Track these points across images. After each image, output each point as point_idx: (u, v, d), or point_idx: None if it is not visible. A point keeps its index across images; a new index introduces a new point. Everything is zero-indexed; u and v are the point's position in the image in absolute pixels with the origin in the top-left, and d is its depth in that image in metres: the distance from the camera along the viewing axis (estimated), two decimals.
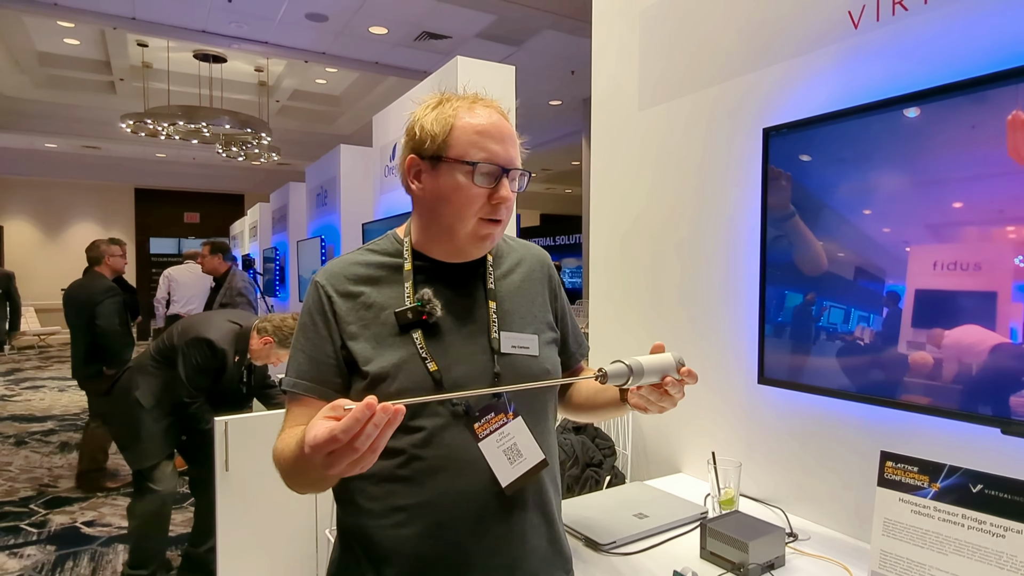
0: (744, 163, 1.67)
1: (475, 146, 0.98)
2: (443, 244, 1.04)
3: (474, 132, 0.99)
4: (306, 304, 1.04)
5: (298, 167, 11.72)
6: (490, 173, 0.98)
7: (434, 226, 1.04)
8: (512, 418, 1.01)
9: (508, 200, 1.00)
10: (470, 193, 0.98)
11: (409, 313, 1.00)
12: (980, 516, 0.95)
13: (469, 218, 0.99)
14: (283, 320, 2.95)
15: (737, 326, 1.70)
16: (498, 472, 0.98)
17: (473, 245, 1.03)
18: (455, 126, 0.99)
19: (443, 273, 1.06)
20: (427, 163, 1.01)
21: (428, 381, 0.99)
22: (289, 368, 1.02)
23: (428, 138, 1.00)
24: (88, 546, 3.41)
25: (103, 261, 4.30)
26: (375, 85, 8.43)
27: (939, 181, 1.18)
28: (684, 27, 1.88)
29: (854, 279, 1.33)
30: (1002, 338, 1.09)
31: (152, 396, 2.75)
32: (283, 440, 0.95)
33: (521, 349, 1.06)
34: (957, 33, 1.23)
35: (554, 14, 5.93)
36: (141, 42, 7.05)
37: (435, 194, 1.00)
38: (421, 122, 1.01)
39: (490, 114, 1.01)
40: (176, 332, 2.80)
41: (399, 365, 0.98)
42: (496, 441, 0.99)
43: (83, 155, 12.30)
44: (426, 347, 1.00)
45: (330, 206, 5.60)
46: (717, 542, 1.25)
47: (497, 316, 1.06)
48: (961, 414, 1.14)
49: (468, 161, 0.97)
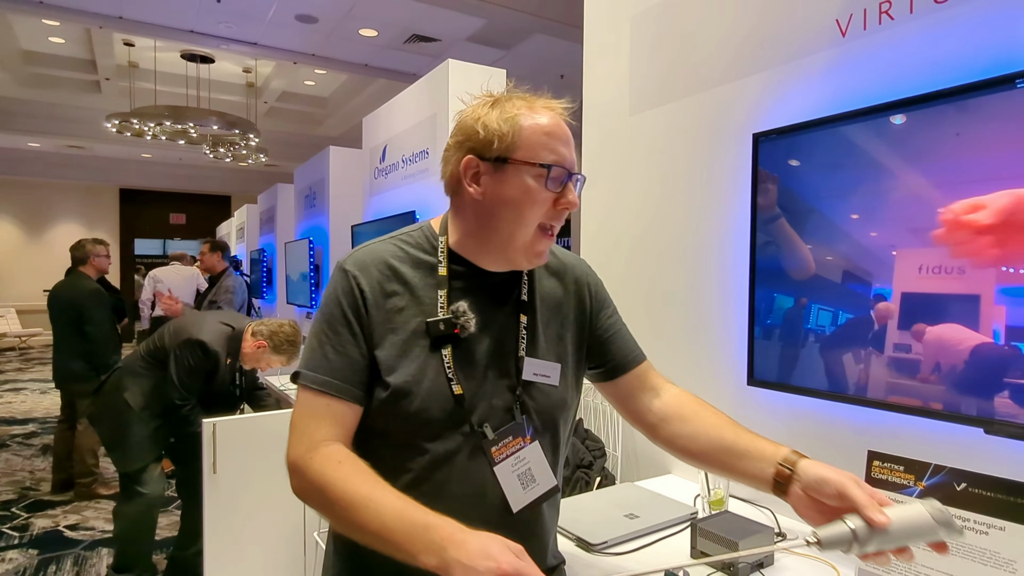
0: (734, 168, 1.70)
1: (545, 148, 0.93)
2: (492, 252, 0.98)
3: (543, 133, 0.93)
4: (334, 294, 0.96)
5: (286, 169, 11.65)
6: (559, 177, 0.94)
7: (487, 232, 0.97)
8: (529, 442, 0.98)
9: (575, 206, 0.95)
10: (538, 198, 0.93)
11: (441, 325, 0.95)
12: (964, 514, 0.97)
13: (531, 224, 0.94)
14: (280, 326, 2.92)
15: (727, 328, 1.72)
16: (510, 497, 0.95)
17: (527, 256, 0.97)
18: (522, 126, 0.93)
19: (478, 280, 1.00)
20: (489, 165, 0.94)
21: (451, 403, 0.94)
22: (312, 362, 0.94)
23: (494, 138, 0.93)
24: (71, 550, 3.37)
25: (88, 261, 4.25)
26: (364, 87, 8.42)
27: (924, 186, 1.21)
28: (675, 33, 1.91)
29: (842, 282, 1.35)
30: (984, 338, 1.11)
31: (142, 397, 2.72)
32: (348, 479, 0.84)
33: (542, 377, 1.01)
34: (942, 42, 1.26)
35: (544, 18, 5.96)
36: (128, 41, 7.00)
37: (497, 198, 0.94)
38: (484, 120, 0.94)
39: (554, 115, 0.96)
40: (168, 333, 2.77)
41: (421, 380, 0.93)
42: (511, 465, 0.96)
43: (67, 155, 12.17)
44: (454, 366, 0.95)
45: (318, 208, 5.58)
46: (707, 542, 1.27)
47: (526, 333, 1.01)
48: (946, 414, 1.17)
49: (542, 164, 0.92)
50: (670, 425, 1.07)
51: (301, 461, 0.89)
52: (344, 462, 0.87)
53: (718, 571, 1.23)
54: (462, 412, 0.95)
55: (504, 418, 0.98)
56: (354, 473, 0.86)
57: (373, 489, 0.83)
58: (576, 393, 1.09)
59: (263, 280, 7.76)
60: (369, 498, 0.82)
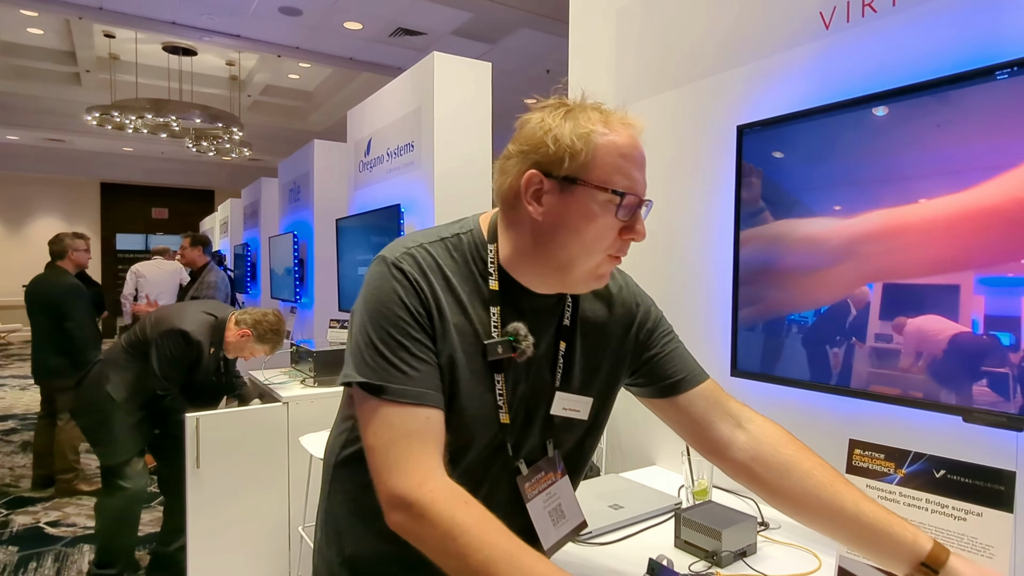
0: (718, 160, 1.70)
1: (620, 172, 0.84)
2: (545, 275, 0.90)
3: (619, 155, 0.84)
4: (393, 294, 0.84)
5: (270, 163, 11.56)
6: (631, 205, 0.85)
7: (543, 256, 0.87)
8: (560, 476, 0.94)
9: (643, 238, 0.87)
10: (606, 226, 0.84)
11: (500, 348, 0.87)
12: (943, 500, 0.98)
13: (597, 254, 0.85)
14: (263, 315, 2.92)
15: (710, 319, 1.73)
16: (541, 534, 0.91)
17: (587, 283, 0.89)
18: (597, 145, 0.83)
19: (524, 301, 0.91)
20: (555, 183, 0.84)
21: (495, 431, 0.89)
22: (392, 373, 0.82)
23: (565, 155, 0.82)
24: (52, 546, 3.33)
25: (67, 255, 4.19)
26: (349, 81, 8.36)
27: (906, 178, 1.22)
28: (660, 26, 1.91)
29: None
30: (963, 328, 1.13)
31: (124, 389, 2.68)
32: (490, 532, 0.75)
33: (571, 412, 0.95)
34: (924, 35, 1.27)
35: (530, 12, 5.95)
36: (108, 33, 6.90)
37: (561, 221, 0.84)
38: (555, 134, 0.83)
39: (631, 134, 0.87)
40: (149, 324, 2.74)
41: (472, 402, 0.87)
42: (543, 502, 0.92)
43: (47, 148, 11.98)
44: (505, 395, 0.88)
45: (303, 202, 5.54)
46: (691, 531, 1.28)
47: (563, 362, 0.95)
48: (925, 403, 1.18)
49: (615, 190, 0.83)
50: (768, 472, 0.96)
51: (414, 496, 0.77)
52: (471, 503, 0.78)
53: (701, 559, 1.24)
54: (503, 442, 0.90)
55: (536, 452, 0.94)
56: (486, 520, 0.77)
57: (510, 543, 0.75)
58: (603, 424, 1.04)
59: (247, 275, 7.70)
60: (511, 554, 0.73)
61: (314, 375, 2.95)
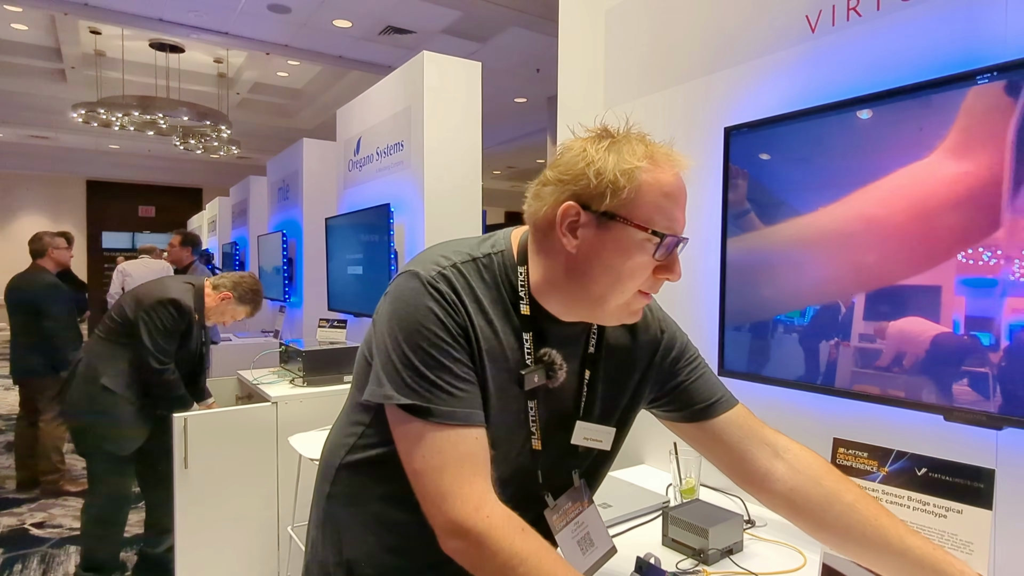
0: (706, 161, 1.71)
1: (661, 212, 0.82)
2: (575, 308, 0.88)
3: (662, 194, 0.82)
4: (427, 312, 0.81)
5: (259, 161, 11.48)
6: (670, 246, 0.83)
7: (575, 289, 0.85)
8: (587, 506, 0.94)
9: (678, 278, 0.85)
10: (641, 264, 0.82)
11: (536, 376, 0.86)
12: (924, 498, 1.00)
13: (630, 291, 0.83)
14: (240, 277, 2.95)
15: (698, 319, 1.74)
16: (573, 564, 0.90)
17: (619, 318, 0.87)
18: (642, 182, 0.80)
19: (551, 328, 0.90)
20: (593, 217, 0.81)
21: (526, 459, 0.88)
22: (435, 395, 0.80)
23: (607, 191, 0.80)
24: (38, 548, 3.31)
25: (47, 254, 4.15)
26: (338, 79, 8.32)
27: (889, 180, 1.23)
28: (649, 27, 1.92)
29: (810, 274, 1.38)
30: (943, 328, 1.14)
31: (121, 379, 2.61)
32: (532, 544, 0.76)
33: (593, 442, 0.94)
34: (907, 39, 1.29)
35: (520, 11, 5.95)
36: (94, 29, 6.83)
37: (595, 256, 0.82)
38: (598, 167, 0.81)
39: (676, 172, 0.85)
40: (129, 304, 2.66)
41: (507, 429, 0.86)
42: (571, 532, 0.91)
43: (31, 145, 11.84)
44: (538, 422, 0.87)
45: (292, 200, 5.52)
46: (678, 529, 1.29)
47: (587, 391, 0.94)
48: (908, 403, 1.20)
49: (656, 232, 0.81)
50: (809, 504, 0.93)
51: (471, 523, 0.75)
52: (527, 530, 0.77)
53: (689, 557, 1.26)
54: (534, 471, 0.89)
55: (560, 481, 0.93)
56: (544, 550, 0.76)
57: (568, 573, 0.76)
58: (620, 448, 1.03)
59: (232, 271, 7.66)
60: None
61: (303, 375, 2.94)
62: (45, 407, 4.11)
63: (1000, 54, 1.12)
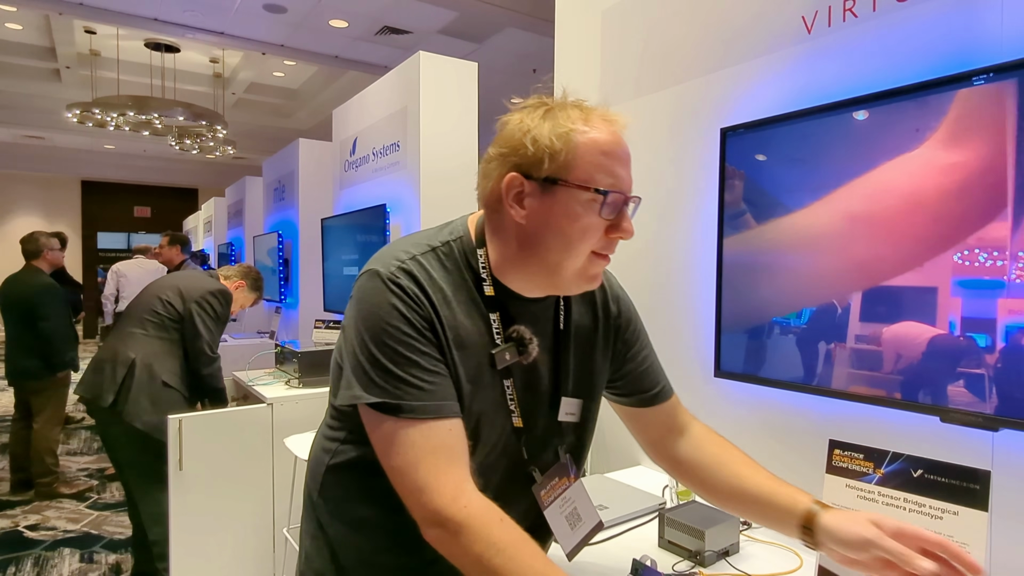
0: (702, 162, 1.71)
1: (602, 169, 0.83)
2: (534, 279, 0.89)
3: (600, 152, 0.83)
4: (393, 310, 0.82)
5: (254, 161, 11.45)
6: (616, 203, 0.84)
7: (530, 259, 0.86)
8: (573, 481, 0.95)
9: (630, 235, 0.86)
10: (590, 225, 0.83)
11: (507, 354, 0.87)
12: (920, 499, 1.00)
13: (581, 255, 0.84)
14: (246, 267, 3.14)
15: (695, 321, 1.74)
16: (561, 539, 0.92)
17: (578, 284, 0.88)
18: (577, 144, 0.82)
19: (516, 306, 0.91)
20: (536, 185, 0.83)
21: (510, 438, 0.89)
22: (405, 390, 0.80)
23: (545, 156, 0.82)
24: (31, 551, 3.29)
25: (41, 255, 4.13)
26: (334, 79, 8.30)
27: (885, 181, 1.23)
28: (645, 28, 1.92)
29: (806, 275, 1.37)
30: (939, 331, 1.14)
31: (177, 374, 2.67)
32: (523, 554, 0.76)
33: (570, 416, 0.97)
34: (903, 40, 1.29)
35: (516, 12, 5.95)
36: (89, 29, 6.79)
37: (544, 223, 0.83)
38: (534, 134, 0.82)
39: (613, 130, 0.86)
40: (173, 299, 2.70)
41: (486, 412, 0.87)
42: (559, 507, 0.93)
43: (25, 145, 11.79)
44: (516, 399, 0.88)
45: (288, 201, 5.51)
46: (675, 531, 1.29)
47: (562, 368, 0.96)
48: (904, 404, 1.20)
49: (598, 189, 0.82)
50: (699, 472, 1.05)
51: (449, 513, 0.77)
52: (505, 520, 0.79)
53: (685, 559, 1.25)
54: (518, 449, 0.90)
55: (545, 458, 0.94)
56: (522, 540, 0.78)
57: (546, 565, 0.76)
58: (595, 421, 1.06)
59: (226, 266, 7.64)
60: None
61: (299, 376, 2.93)
62: (39, 408, 4.09)
63: (996, 55, 1.12)
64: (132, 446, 2.58)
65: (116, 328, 2.79)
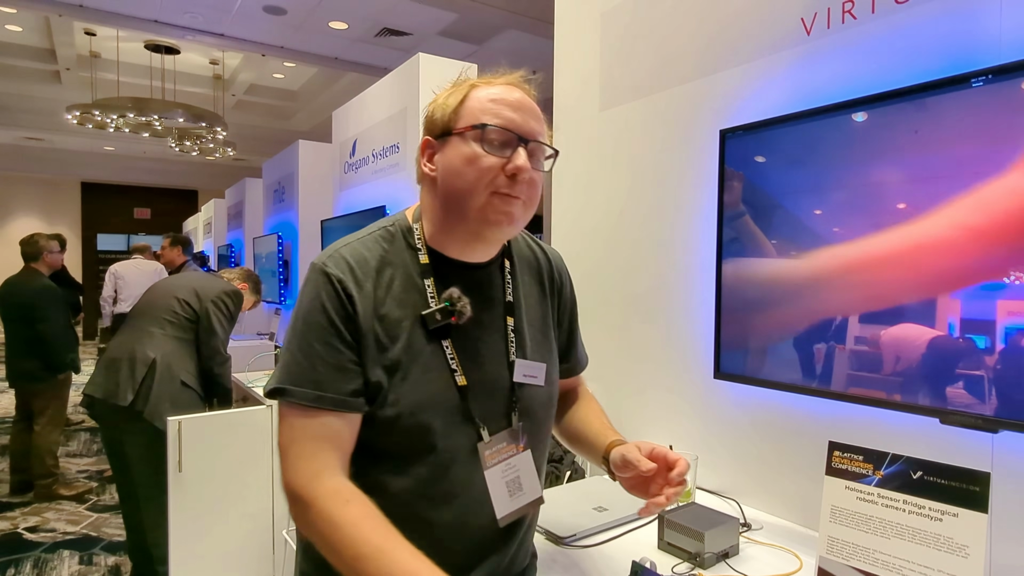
0: (701, 164, 1.71)
1: (487, 112, 0.90)
2: (457, 231, 0.94)
3: (488, 100, 0.91)
4: (316, 300, 0.88)
5: (254, 163, 11.46)
6: (503, 140, 0.89)
7: (446, 209, 0.93)
8: (521, 450, 0.98)
9: (524, 170, 0.88)
10: (480, 161, 0.88)
11: (438, 315, 0.91)
12: (920, 501, 1.00)
13: (481, 190, 0.88)
14: (246, 270, 3.23)
15: (694, 323, 1.74)
16: (497, 504, 0.94)
17: (488, 225, 0.91)
18: (468, 96, 0.92)
19: (459, 273, 0.96)
20: (439, 141, 0.93)
21: (454, 399, 0.92)
22: (299, 376, 0.87)
23: (440, 114, 0.93)
24: (31, 552, 3.29)
25: (41, 258, 4.14)
26: (334, 81, 8.31)
27: (884, 182, 1.23)
28: (644, 29, 1.92)
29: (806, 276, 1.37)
30: (938, 333, 1.14)
31: (192, 374, 2.71)
32: (362, 529, 0.80)
33: (530, 378, 1.00)
34: (902, 42, 1.29)
35: (516, 13, 5.95)
36: (89, 31, 6.79)
37: (447, 170, 0.91)
38: (437, 102, 0.95)
39: (510, 88, 0.93)
40: (189, 299, 2.76)
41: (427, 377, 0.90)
42: (502, 472, 0.95)
43: (25, 147, 11.78)
44: (457, 358, 0.92)
45: (288, 203, 5.51)
46: (674, 533, 1.29)
47: (515, 335, 1.00)
48: (903, 406, 1.20)
49: (477, 125, 0.89)
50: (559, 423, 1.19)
51: (304, 492, 0.83)
52: (352, 502, 0.82)
53: (684, 561, 1.25)
54: (465, 406, 0.92)
55: (500, 423, 0.96)
56: (364, 518, 0.81)
57: (385, 540, 0.79)
58: (557, 387, 1.10)
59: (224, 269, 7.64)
60: (381, 551, 0.78)
61: None
62: (40, 409, 4.09)
63: (995, 57, 1.12)
64: (147, 445, 2.59)
65: (128, 327, 2.78)
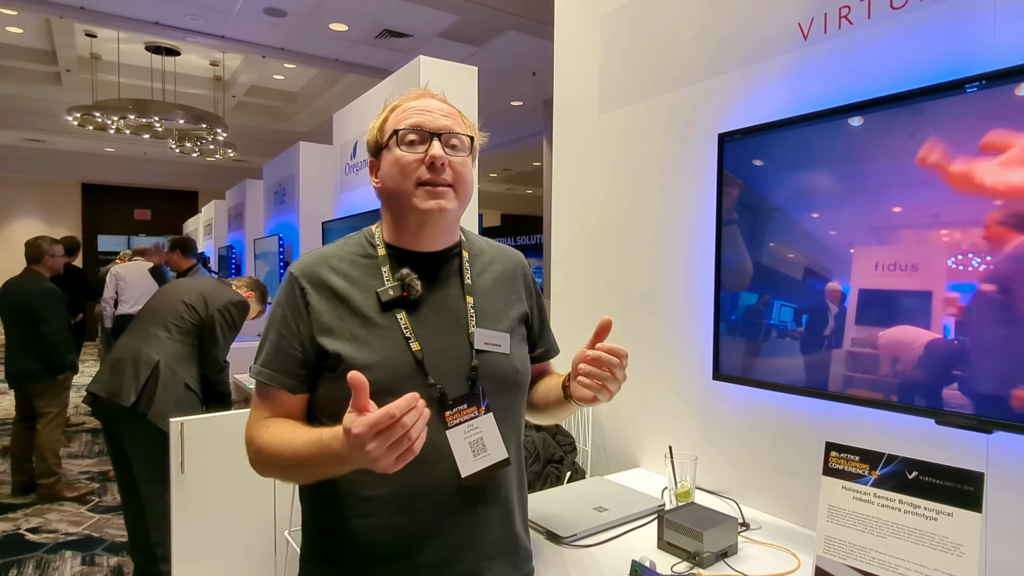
0: (700, 167, 1.73)
1: (400, 121, 1.05)
2: (404, 223, 1.07)
3: (400, 111, 1.07)
4: (278, 297, 1.06)
5: (255, 164, 11.48)
6: (418, 138, 1.03)
7: (392, 208, 1.08)
8: (484, 412, 1.03)
9: (438, 158, 1.02)
10: (404, 160, 1.03)
11: (391, 291, 1.03)
12: (915, 501, 1.01)
13: (410, 184, 1.02)
14: (254, 279, 3.26)
15: (693, 324, 1.75)
16: (460, 462, 1.00)
17: (421, 214, 1.03)
18: (387, 115, 1.08)
19: (419, 264, 1.07)
20: (376, 159, 1.09)
21: (410, 364, 1.00)
22: (260, 358, 1.05)
23: (371, 136, 1.09)
24: (33, 553, 3.29)
25: (42, 261, 4.16)
26: (334, 82, 8.32)
27: (880, 186, 1.25)
28: (644, 33, 1.93)
29: (803, 279, 1.39)
30: (934, 335, 1.16)
31: (195, 378, 2.74)
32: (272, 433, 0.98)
33: (494, 347, 1.08)
34: (898, 47, 1.30)
35: (516, 15, 5.96)
36: (89, 32, 6.81)
37: (384, 177, 1.06)
38: (369, 130, 1.10)
39: (420, 98, 1.08)
40: (196, 305, 2.78)
41: (382, 349, 1.00)
42: (464, 432, 1.01)
43: (26, 148, 11.80)
44: (411, 327, 1.02)
45: (288, 204, 5.52)
46: (674, 532, 1.30)
47: (474, 311, 1.08)
48: (900, 406, 1.21)
49: (393, 132, 1.04)
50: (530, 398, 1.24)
51: (246, 436, 1.03)
52: (272, 423, 1.00)
53: (684, 560, 1.26)
54: (422, 372, 1.00)
55: (461, 388, 1.03)
56: (275, 424, 0.99)
57: (287, 431, 0.96)
58: (526, 363, 1.15)
59: (232, 277, 7.64)
60: (285, 439, 0.95)
61: None
62: (43, 411, 4.10)
63: (989, 63, 1.14)
64: (150, 446, 2.61)
65: (134, 328, 2.80)
